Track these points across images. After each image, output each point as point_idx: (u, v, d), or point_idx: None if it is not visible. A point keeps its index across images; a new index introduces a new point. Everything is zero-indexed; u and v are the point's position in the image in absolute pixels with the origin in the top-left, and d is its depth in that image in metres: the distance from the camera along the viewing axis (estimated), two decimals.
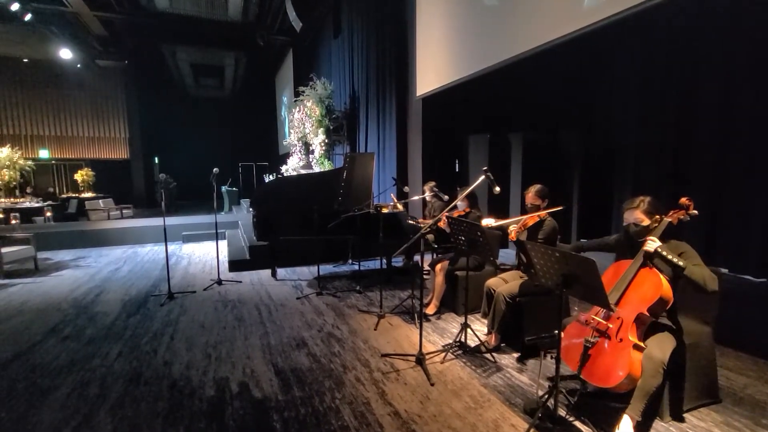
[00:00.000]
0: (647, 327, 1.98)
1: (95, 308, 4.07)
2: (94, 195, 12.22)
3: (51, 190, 12.67)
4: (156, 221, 8.58)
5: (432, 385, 2.49)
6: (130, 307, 4.09)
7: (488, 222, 2.88)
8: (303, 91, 9.31)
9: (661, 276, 1.94)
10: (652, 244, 1.98)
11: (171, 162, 16.12)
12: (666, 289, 1.91)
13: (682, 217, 2.00)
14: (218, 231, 5.18)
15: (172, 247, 7.42)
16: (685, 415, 2.11)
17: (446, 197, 3.88)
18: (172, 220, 8.74)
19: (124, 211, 10.68)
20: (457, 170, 6.79)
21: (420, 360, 2.73)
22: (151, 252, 7.03)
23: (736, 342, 2.83)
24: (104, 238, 7.70)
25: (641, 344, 1.88)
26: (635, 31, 4.78)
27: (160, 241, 7.55)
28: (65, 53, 11.02)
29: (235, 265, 5.48)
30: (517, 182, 6.08)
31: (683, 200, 2.02)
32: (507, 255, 5.43)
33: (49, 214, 9.51)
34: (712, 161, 4.18)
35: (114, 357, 2.98)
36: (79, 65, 12.58)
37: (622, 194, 5.58)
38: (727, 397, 2.27)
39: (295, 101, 10.14)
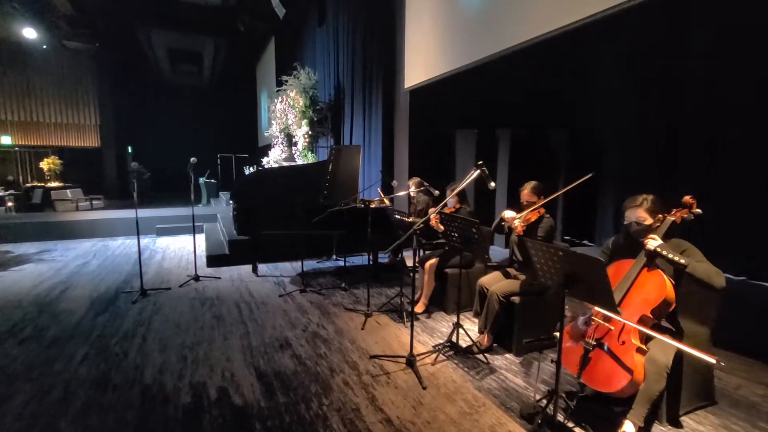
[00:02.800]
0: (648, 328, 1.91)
1: (59, 306, 3.78)
2: (61, 184, 11.56)
3: (11, 178, 11.91)
4: (128, 213, 8.16)
5: (424, 388, 2.38)
6: (98, 304, 3.82)
7: (511, 214, 2.76)
8: (286, 81, 9.01)
9: (665, 277, 1.87)
10: (653, 242, 1.91)
11: (145, 151, 15.41)
12: (670, 290, 1.85)
13: (685, 215, 1.94)
14: (195, 224, 4.92)
15: (145, 240, 7.06)
16: (683, 418, 2.07)
17: (437, 192, 3.76)
18: (145, 212, 8.34)
19: (94, 202, 10.14)
20: (444, 165, 6.70)
21: (411, 362, 2.61)
22: (123, 245, 6.66)
23: (725, 342, 2.82)
24: (72, 230, 7.26)
25: (644, 347, 1.82)
26: (623, 29, 4.77)
27: (133, 233, 7.18)
28: (29, 32, 10.32)
29: (214, 260, 5.23)
30: (503, 178, 6.04)
31: (686, 198, 1.95)
32: (494, 251, 5.38)
33: (11, 204, 8.92)
34: (696, 159, 4.23)
35: (79, 360, 2.74)
36: (45, 46, 11.83)
37: (606, 192, 5.62)
38: (722, 399, 2.25)
39: (278, 91, 9.83)
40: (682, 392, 2.04)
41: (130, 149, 14.73)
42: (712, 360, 1.66)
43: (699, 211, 1.91)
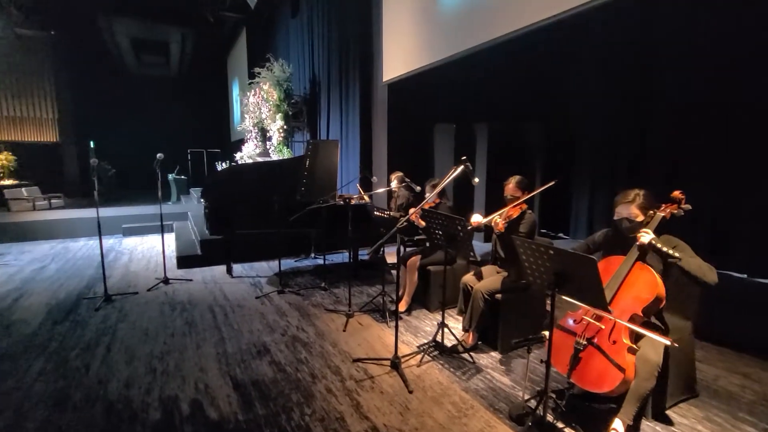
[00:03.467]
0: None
1: (12, 316, 3.47)
2: (16, 182, 10.80)
3: None
4: (91, 212, 7.67)
5: (410, 392, 2.30)
6: (57, 313, 3.54)
7: (478, 219, 2.70)
8: (259, 73, 8.70)
9: (656, 274, 1.85)
10: (647, 236, 1.87)
11: (110, 147, 14.64)
12: (661, 287, 1.83)
13: (675, 211, 1.92)
14: (164, 223, 4.65)
15: (110, 241, 6.68)
16: (667, 412, 2.07)
17: (418, 188, 3.68)
18: (109, 211, 7.90)
19: (52, 201, 9.50)
20: (423, 159, 6.63)
21: (396, 364, 2.52)
22: (86, 247, 6.26)
23: (699, 333, 2.88)
24: (28, 231, 6.77)
25: (635, 346, 1.79)
26: (598, 25, 4.82)
27: (96, 234, 6.76)
28: None
29: (185, 261, 4.98)
30: (482, 172, 6.04)
31: (676, 194, 1.94)
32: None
33: None
34: (665, 153, 4.34)
35: (34, 376, 2.50)
36: None
37: (581, 185, 5.72)
38: (703, 391, 2.28)
39: (250, 84, 9.48)
40: (668, 387, 2.05)
41: (92, 144, 13.94)
42: (667, 342, 1.71)
43: (688, 206, 1.90)
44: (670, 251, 1.81)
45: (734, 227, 3.77)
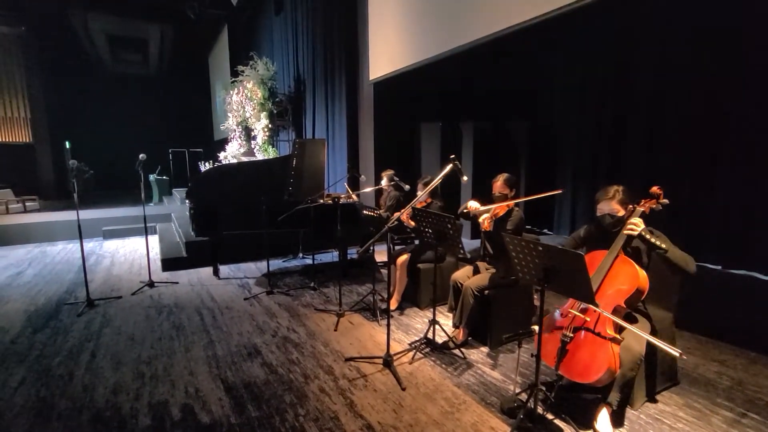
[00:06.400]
0: (621, 318, 1.96)
1: None
2: None
3: None
4: (69, 215, 7.45)
5: (403, 389, 2.32)
6: (36, 319, 3.43)
7: (475, 205, 2.74)
8: (242, 71, 8.58)
9: (637, 267, 1.92)
10: (636, 227, 1.93)
11: (87, 147, 14.19)
12: (643, 279, 1.90)
13: (653, 206, 1.99)
14: (147, 225, 4.55)
15: (90, 244, 6.50)
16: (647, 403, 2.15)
17: (407, 187, 3.70)
18: (89, 213, 7.66)
19: (27, 204, 9.19)
20: (410, 158, 6.66)
21: (388, 362, 2.54)
22: (64, 251, 6.08)
23: (678, 323, 2.99)
24: (2, 235, 6.51)
25: (619, 337, 1.85)
26: (581, 27, 4.93)
27: (75, 237, 6.55)
28: None
29: (170, 263, 4.88)
30: (468, 171, 6.10)
31: (654, 189, 2.01)
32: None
33: None
34: (644, 151, 4.49)
35: (15, 386, 2.42)
36: None
37: (564, 182, 5.85)
38: (683, 378, 2.37)
39: (233, 82, 9.34)
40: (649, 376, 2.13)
41: (67, 145, 13.50)
42: (676, 353, 1.69)
43: (666, 201, 1.97)
44: (658, 242, 1.88)
45: (708, 221, 3.93)
